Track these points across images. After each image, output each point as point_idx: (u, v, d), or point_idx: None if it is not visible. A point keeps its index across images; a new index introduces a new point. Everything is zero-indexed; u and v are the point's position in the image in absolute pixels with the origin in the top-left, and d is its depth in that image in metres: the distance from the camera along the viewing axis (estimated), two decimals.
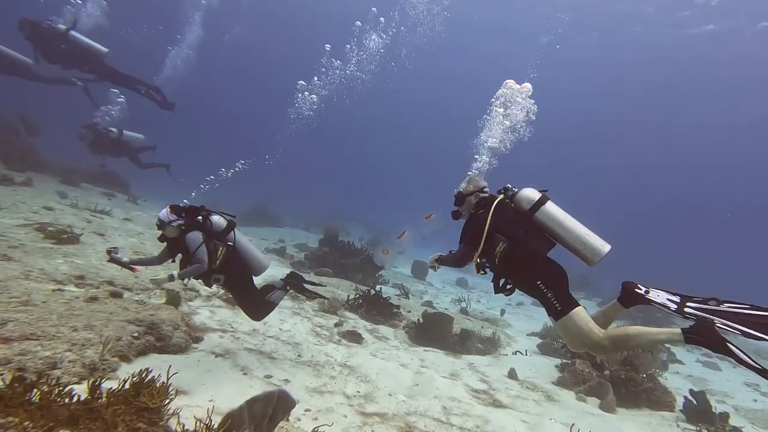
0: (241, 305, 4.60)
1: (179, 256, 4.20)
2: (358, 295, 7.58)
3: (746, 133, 39.76)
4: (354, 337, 5.84)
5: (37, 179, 11.23)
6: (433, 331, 6.68)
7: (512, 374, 5.56)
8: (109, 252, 3.97)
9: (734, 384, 8.44)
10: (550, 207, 3.10)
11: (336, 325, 6.27)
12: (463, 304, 11.45)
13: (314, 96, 13.58)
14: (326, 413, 3.55)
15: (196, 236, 4.04)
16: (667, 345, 8.37)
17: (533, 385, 5.34)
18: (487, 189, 3.51)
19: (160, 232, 4.13)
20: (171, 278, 3.87)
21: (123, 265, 4.00)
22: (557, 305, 2.90)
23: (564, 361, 6.21)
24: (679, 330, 2.56)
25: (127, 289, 5.26)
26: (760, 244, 51.47)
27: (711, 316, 2.49)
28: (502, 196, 3.28)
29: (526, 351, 6.86)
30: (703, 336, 2.47)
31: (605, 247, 2.97)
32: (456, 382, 4.90)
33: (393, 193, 66.00)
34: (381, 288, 8.08)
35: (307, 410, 3.54)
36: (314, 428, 2.83)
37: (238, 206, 22.31)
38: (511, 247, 3.04)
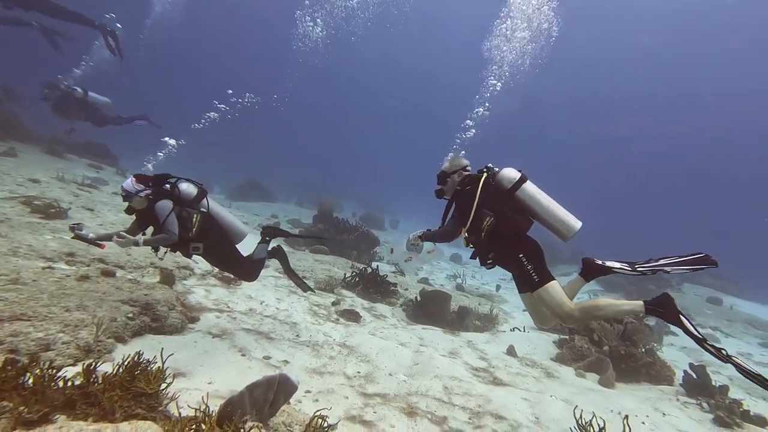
0: (229, 270, 4.50)
1: (150, 228, 3.99)
2: (354, 273, 7.52)
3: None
4: (352, 315, 5.81)
5: (20, 149, 10.84)
6: (430, 309, 6.68)
7: (511, 351, 5.59)
8: (72, 228, 3.74)
9: None
10: (529, 186, 3.35)
11: (333, 303, 6.22)
12: (459, 280, 11.51)
13: (319, 25, 13.05)
14: (327, 394, 3.52)
15: (165, 204, 3.81)
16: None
17: (532, 362, 5.38)
18: (469, 167, 3.62)
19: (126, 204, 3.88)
20: (135, 243, 3.68)
21: (89, 241, 3.77)
22: (535, 277, 3.17)
23: (562, 336, 6.26)
24: (641, 302, 2.95)
25: (120, 267, 5.12)
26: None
27: (662, 268, 2.97)
28: (486, 174, 3.41)
29: (524, 327, 6.91)
30: (662, 308, 2.88)
31: (578, 224, 3.28)
32: (456, 361, 4.90)
33: (385, 166, 65.67)
34: (377, 266, 8.02)
35: (308, 392, 3.50)
36: (315, 411, 2.78)
37: (229, 181, 22.06)
38: (498, 222, 3.24)
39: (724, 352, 2.67)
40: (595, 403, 4.27)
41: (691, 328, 2.75)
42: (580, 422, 3.11)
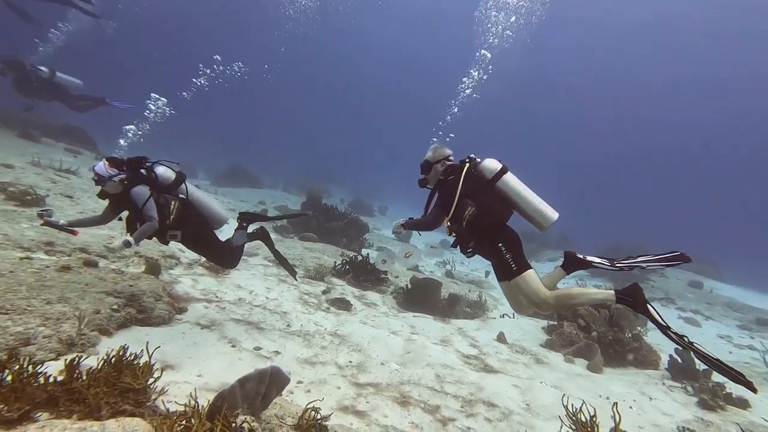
0: (209, 257, 4.43)
1: (125, 213, 3.83)
2: (344, 261, 7.46)
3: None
4: (343, 304, 5.76)
5: None
6: (421, 297, 6.68)
7: (501, 338, 5.63)
8: (41, 215, 3.56)
9: (708, 337, 8.92)
10: (510, 177, 3.42)
11: (324, 292, 6.17)
12: (448, 267, 11.55)
13: None
14: (319, 385, 3.48)
15: (142, 191, 3.65)
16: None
17: (522, 349, 5.43)
18: (452, 157, 3.67)
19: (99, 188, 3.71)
20: (127, 244, 3.50)
21: (60, 228, 3.61)
22: (513, 266, 3.29)
23: (551, 322, 6.33)
24: (613, 292, 3.14)
25: (103, 256, 4.95)
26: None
27: (639, 264, 3.16)
28: (468, 164, 3.47)
29: (513, 314, 6.97)
30: (631, 297, 3.06)
31: (555, 215, 3.40)
32: (447, 348, 4.91)
33: (373, 151, 65.23)
34: (368, 253, 7.97)
35: (300, 382, 3.47)
36: (308, 403, 2.74)
37: (214, 166, 21.60)
38: (479, 212, 3.33)
39: (685, 339, 2.86)
40: (584, 389, 4.34)
41: (657, 316, 2.95)
42: (569, 410, 3.14)
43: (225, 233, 4.41)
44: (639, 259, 3.19)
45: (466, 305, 7.19)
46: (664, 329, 2.90)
